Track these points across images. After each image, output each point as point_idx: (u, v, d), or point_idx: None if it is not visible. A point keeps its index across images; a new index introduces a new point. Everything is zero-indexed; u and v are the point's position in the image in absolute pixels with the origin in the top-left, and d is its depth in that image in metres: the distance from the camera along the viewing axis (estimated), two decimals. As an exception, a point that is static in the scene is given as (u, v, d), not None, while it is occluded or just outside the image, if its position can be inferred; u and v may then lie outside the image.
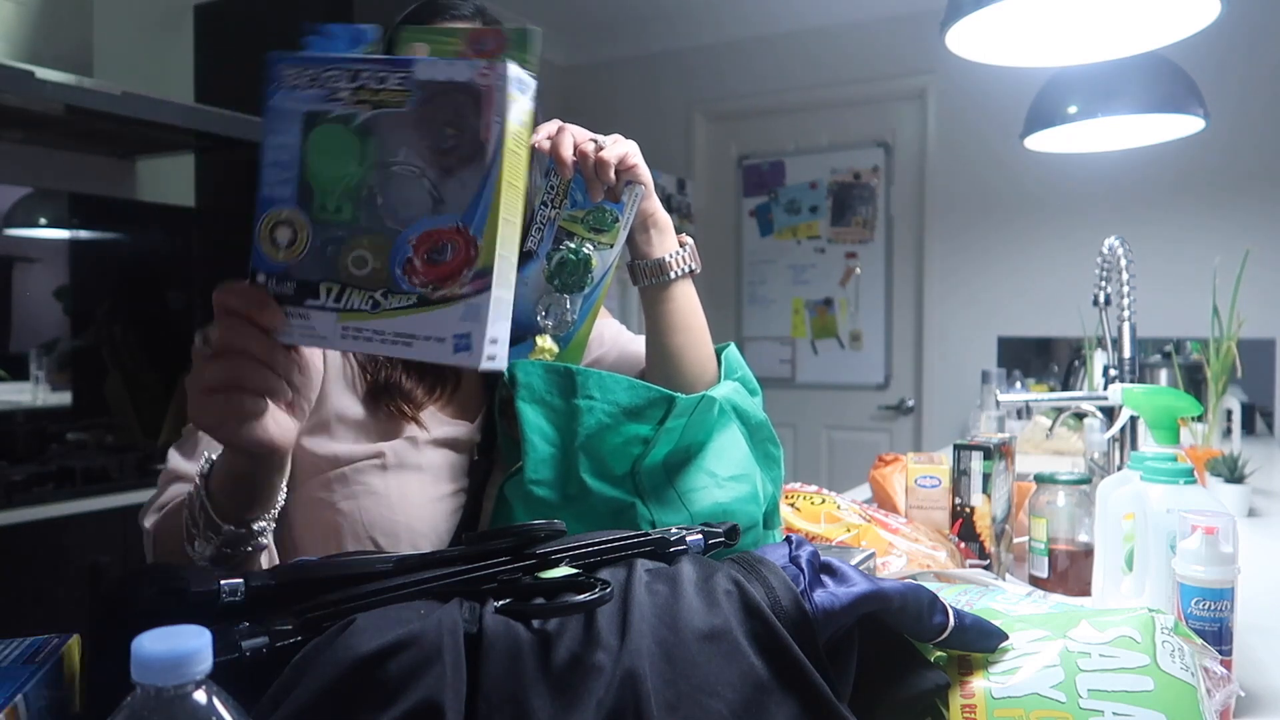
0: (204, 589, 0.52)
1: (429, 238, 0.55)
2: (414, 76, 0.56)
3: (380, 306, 0.56)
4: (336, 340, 0.57)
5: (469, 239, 0.55)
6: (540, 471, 0.80)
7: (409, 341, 0.56)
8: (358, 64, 0.56)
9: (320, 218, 0.57)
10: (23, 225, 2.58)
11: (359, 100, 0.56)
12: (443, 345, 0.55)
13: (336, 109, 0.57)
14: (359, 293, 0.57)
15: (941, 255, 3.86)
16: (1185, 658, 0.65)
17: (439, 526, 0.89)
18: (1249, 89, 3.28)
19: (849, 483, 2.16)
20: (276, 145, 0.57)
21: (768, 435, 0.89)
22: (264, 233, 0.58)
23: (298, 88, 0.57)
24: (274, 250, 0.58)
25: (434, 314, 0.55)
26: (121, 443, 2.60)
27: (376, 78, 0.56)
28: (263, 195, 0.58)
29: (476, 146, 0.55)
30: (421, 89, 0.56)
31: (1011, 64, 1.56)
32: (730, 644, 0.54)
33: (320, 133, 0.57)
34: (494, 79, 0.55)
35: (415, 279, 0.56)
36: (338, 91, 0.56)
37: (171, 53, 2.86)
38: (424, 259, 0.55)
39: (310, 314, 0.58)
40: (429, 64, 0.56)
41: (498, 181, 0.55)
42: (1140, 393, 1.38)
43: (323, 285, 0.57)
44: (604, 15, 4.24)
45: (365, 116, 0.56)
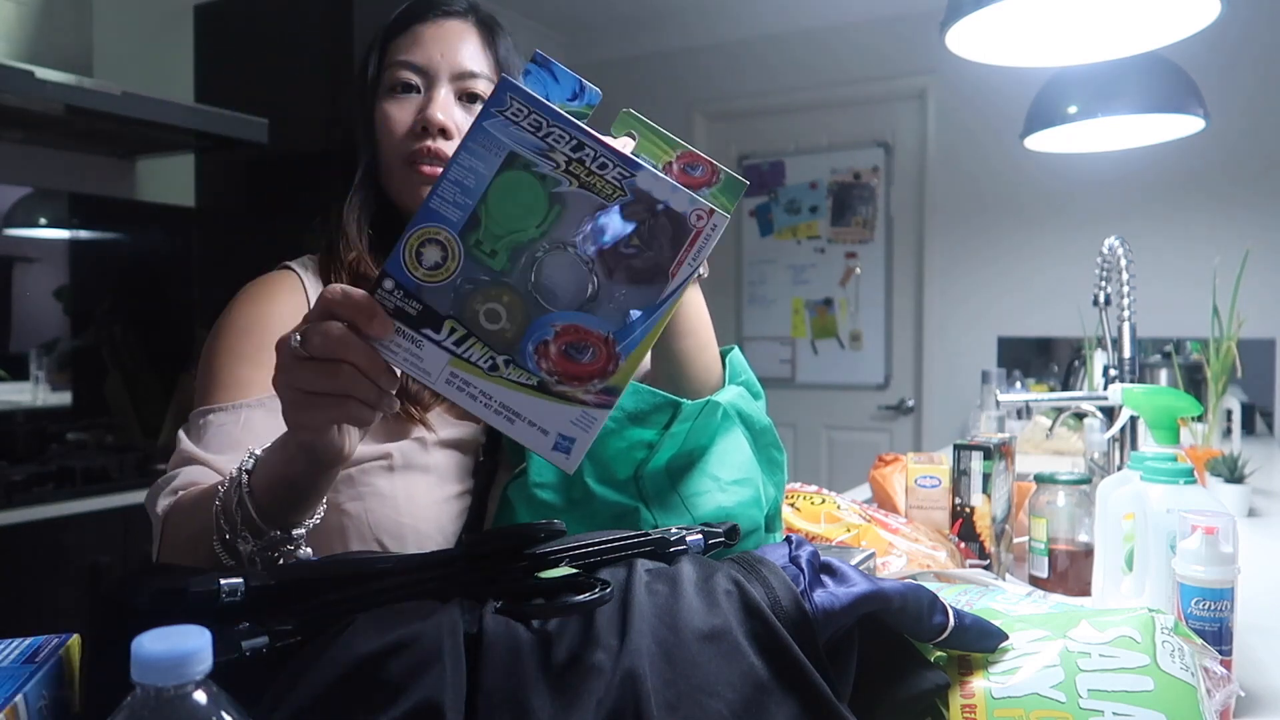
0: (204, 589, 0.52)
1: (575, 331, 0.55)
2: (634, 182, 0.55)
3: (498, 372, 0.55)
4: (440, 383, 0.56)
5: (614, 354, 0.55)
6: (544, 475, 0.80)
7: (512, 419, 0.56)
8: (586, 136, 0.55)
9: (474, 254, 0.55)
10: (23, 225, 2.58)
11: (569, 172, 0.55)
12: (545, 438, 0.56)
13: (545, 167, 0.55)
14: (481, 347, 0.55)
15: (941, 255, 3.86)
16: (1185, 658, 0.65)
17: (445, 528, 0.89)
18: (1249, 89, 3.28)
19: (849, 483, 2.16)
20: (467, 166, 0.55)
21: (771, 440, 0.89)
22: (412, 243, 0.55)
23: (516, 124, 0.54)
24: (415, 265, 0.55)
25: (549, 405, 0.55)
26: (121, 443, 2.60)
27: (598, 161, 0.55)
28: (430, 206, 0.55)
29: (659, 274, 0.55)
30: (635, 195, 0.55)
31: (1011, 64, 1.56)
32: (730, 644, 0.54)
33: (515, 177, 0.55)
34: (707, 226, 0.55)
35: (545, 364, 0.55)
36: (554, 150, 0.55)
37: (171, 53, 2.86)
38: (561, 349, 0.55)
39: (424, 344, 0.55)
40: (653, 177, 0.55)
41: (666, 316, 0.55)
42: (1140, 393, 1.38)
43: (448, 322, 0.55)
44: (604, 15, 4.24)
45: (566, 189, 0.55)
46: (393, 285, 0.55)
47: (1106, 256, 1.71)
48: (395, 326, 0.55)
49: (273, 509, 0.64)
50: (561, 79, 0.58)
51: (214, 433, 0.82)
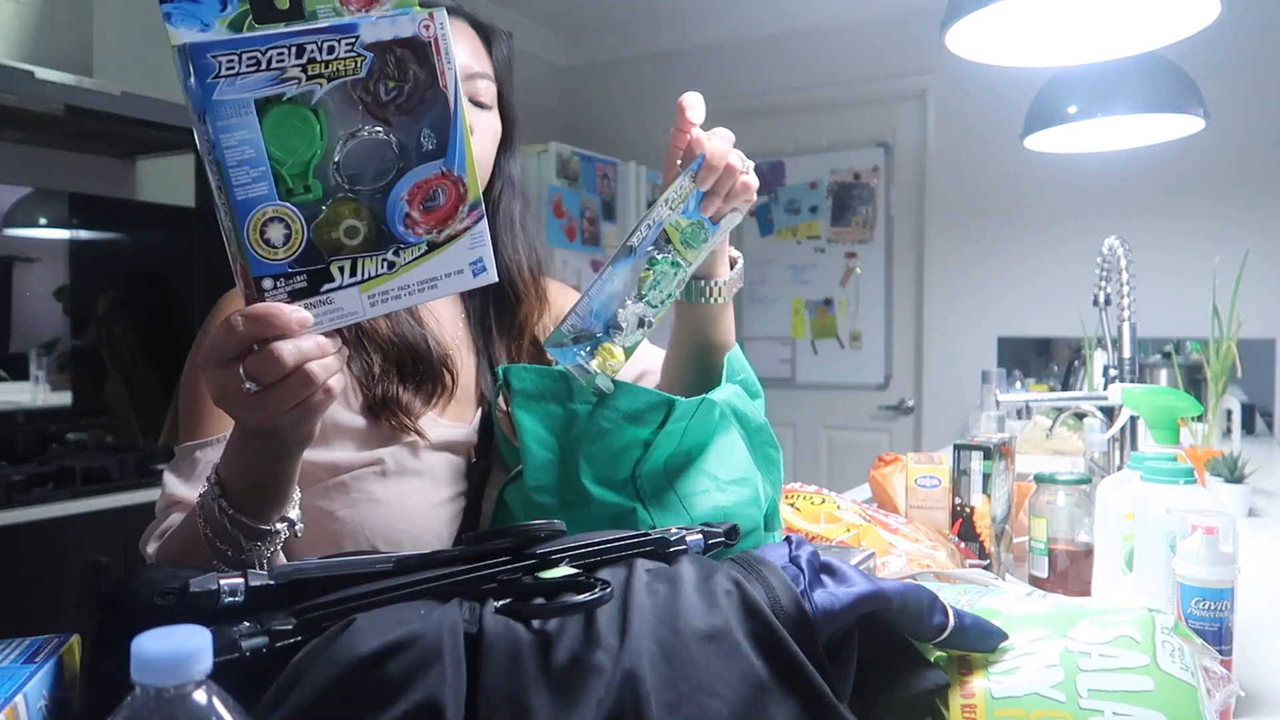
0: (204, 589, 0.52)
1: (420, 189, 0.58)
2: (362, 40, 0.56)
3: (395, 265, 0.59)
4: (367, 311, 0.59)
5: (455, 179, 0.59)
6: (540, 478, 0.80)
7: (434, 284, 0.60)
8: (300, 37, 0.55)
9: (298, 202, 0.57)
10: (23, 225, 2.58)
11: (311, 76, 0.55)
12: (463, 275, 0.60)
13: (290, 89, 0.55)
14: (370, 259, 0.58)
15: (941, 255, 3.86)
16: (1185, 658, 0.65)
17: (441, 532, 0.89)
18: (1249, 89, 3.28)
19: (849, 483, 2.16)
20: (235, 142, 0.55)
21: (767, 439, 0.88)
22: (253, 236, 0.57)
23: (238, 74, 0.54)
24: (271, 251, 0.57)
25: (446, 253, 0.60)
26: (121, 443, 2.60)
27: (325, 48, 0.55)
28: (239, 200, 0.56)
29: (435, 93, 0.57)
30: (372, 51, 0.56)
31: (1011, 64, 1.56)
32: (730, 644, 0.54)
33: (275, 116, 0.55)
34: (436, 28, 0.57)
35: (419, 229, 0.59)
36: (286, 70, 0.55)
37: (171, 53, 2.86)
38: (420, 209, 0.59)
39: (333, 297, 0.58)
40: (372, 25, 0.56)
41: (464, 119, 0.58)
42: (1140, 393, 1.38)
43: (333, 266, 0.58)
44: (603, 15, 4.24)
45: (324, 90, 0.56)
46: (271, 282, 0.57)
47: (1106, 256, 1.71)
48: (304, 304, 0.58)
49: (256, 511, 0.67)
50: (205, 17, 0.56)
51: (203, 469, 0.83)
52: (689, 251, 0.80)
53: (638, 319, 0.79)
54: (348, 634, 0.50)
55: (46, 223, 2.65)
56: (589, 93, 4.51)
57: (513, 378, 0.80)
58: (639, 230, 0.78)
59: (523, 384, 0.80)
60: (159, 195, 2.86)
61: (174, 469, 0.86)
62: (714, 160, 0.77)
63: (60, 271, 2.67)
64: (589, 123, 4.42)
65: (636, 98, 4.38)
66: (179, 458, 0.86)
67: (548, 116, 4.42)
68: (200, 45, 0.54)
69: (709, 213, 0.79)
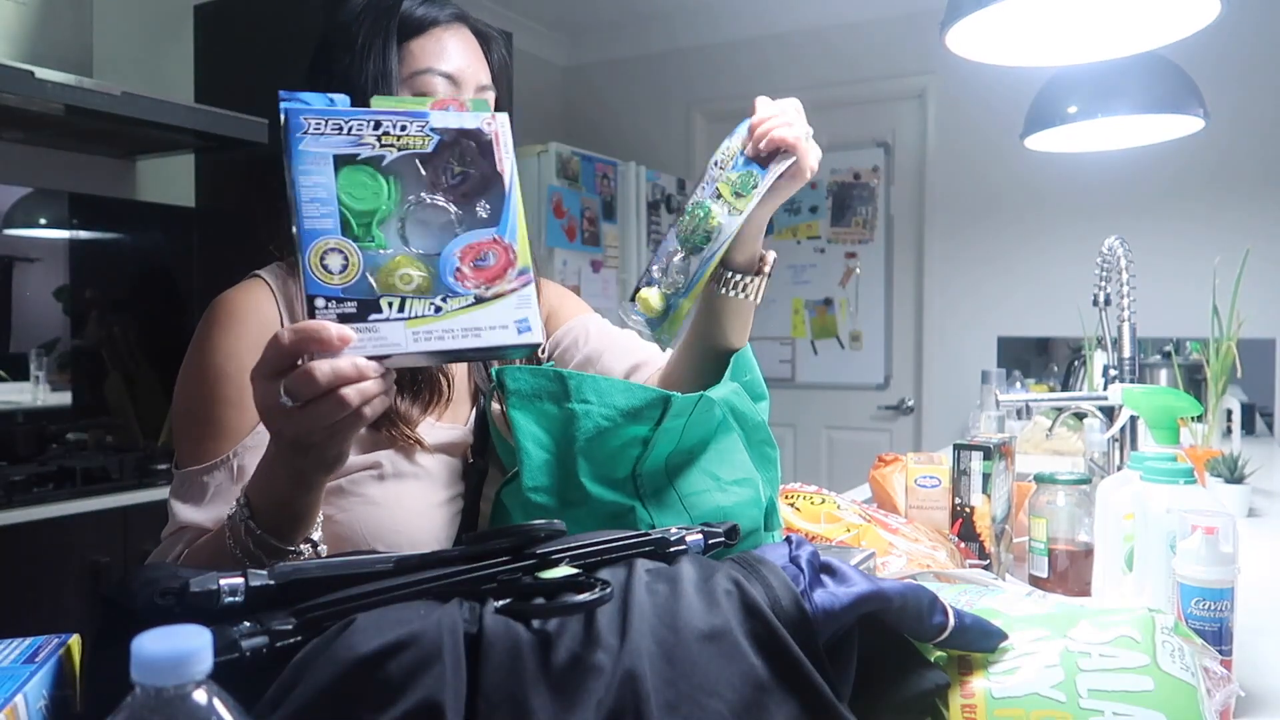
0: (204, 589, 0.52)
1: (471, 249, 0.65)
2: (431, 124, 0.66)
3: (443, 310, 0.64)
4: (409, 344, 0.63)
5: (506, 246, 0.66)
6: (537, 479, 0.79)
7: (478, 333, 0.64)
8: (378, 115, 0.65)
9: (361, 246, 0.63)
10: (23, 225, 2.58)
11: (384, 144, 0.64)
12: (507, 330, 0.65)
13: (365, 151, 0.64)
14: (419, 301, 0.63)
15: (941, 255, 3.86)
16: (1185, 658, 0.65)
17: (438, 533, 0.89)
18: (1249, 89, 3.28)
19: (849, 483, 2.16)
20: (311, 184, 0.63)
21: (764, 437, 0.88)
22: (314, 261, 0.62)
23: (322, 134, 0.64)
24: (328, 276, 0.62)
25: (492, 308, 0.65)
26: (121, 443, 2.60)
27: (398, 125, 0.65)
28: (305, 229, 0.62)
29: (493, 176, 0.66)
30: (439, 134, 0.66)
31: (1011, 64, 1.56)
32: (730, 644, 0.54)
33: (349, 173, 0.63)
34: (497, 126, 0.68)
35: (468, 283, 0.65)
36: (364, 137, 0.64)
37: (171, 53, 2.86)
38: (471, 266, 0.65)
39: (378, 326, 0.62)
40: (441, 114, 0.66)
41: (518, 201, 0.67)
42: (1140, 393, 1.38)
43: (383, 299, 0.63)
44: (604, 15, 4.24)
45: (391, 159, 0.64)
46: (324, 302, 0.62)
47: (1106, 256, 1.71)
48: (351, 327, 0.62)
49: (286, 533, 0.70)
50: (313, 102, 0.66)
51: (214, 493, 0.83)
52: (740, 201, 0.82)
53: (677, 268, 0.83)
54: (348, 634, 0.50)
55: (46, 223, 2.65)
56: (589, 93, 4.51)
57: (507, 379, 0.80)
58: (696, 192, 0.84)
59: (517, 384, 0.80)
60: (159, 195, 2.86)
61: (181, 495, 0.85)
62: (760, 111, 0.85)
63: (60, 271, 2.67)
64: (589, 123, 4.42)
65: (636, 98, 4.38)
66: (184, 483, 0.86)
67: (548, 116, 4.42)
68: (297, 109, 0.64)
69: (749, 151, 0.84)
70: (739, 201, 0.82)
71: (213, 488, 0.84)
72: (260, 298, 0.91)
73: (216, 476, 0.84)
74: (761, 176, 0.83)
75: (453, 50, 0.92)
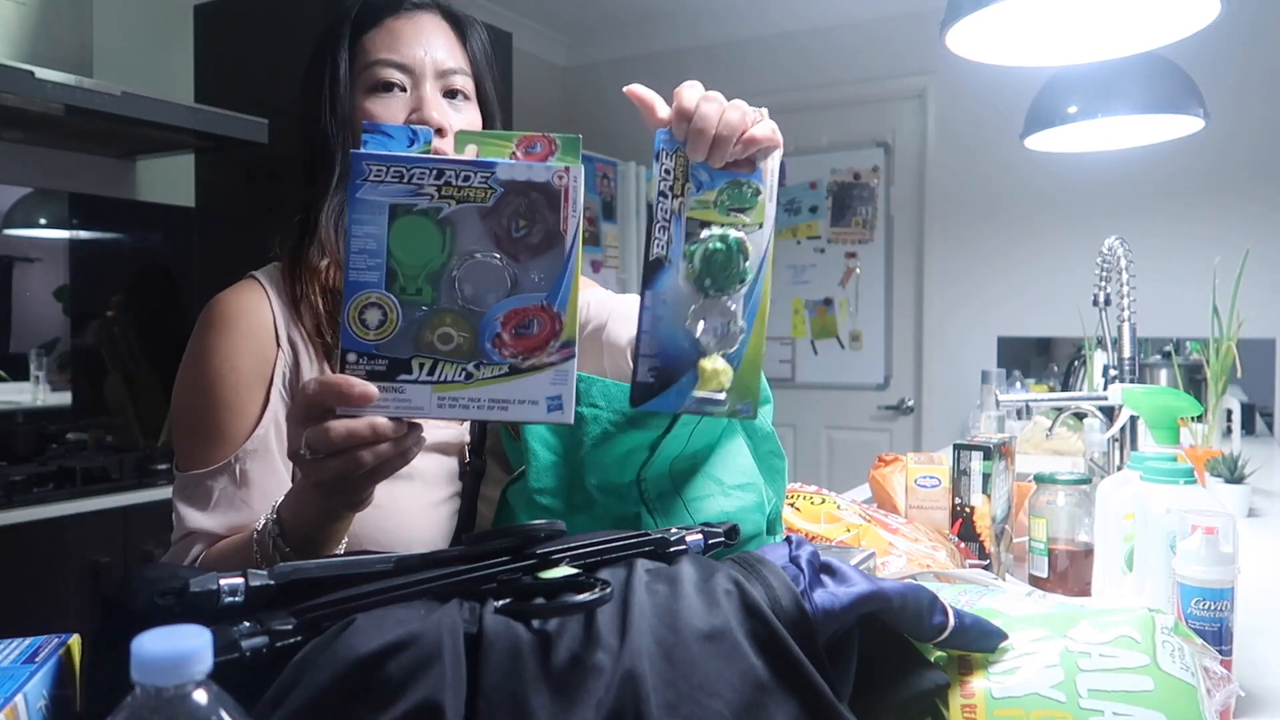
0: (204, 589, 0.52)
1: (516, 315, 0.62)
2: (497, 176, 0.62)
3: (473, 377, 0.62)
4: (433, 410, 0.62)
5: (554, 315, 0.63)
6: (543, 480, 0.79)
7: (505, 406, 0.62)
8: (442, 163, 0.62)
9: (403, 298, 0.62)
10: (23, 225, 2.58)
11: (444, 195, 0.62)
12: (537, 407, 0.62)
13: (422, 202, 0.62)
14: (450, 365, 0.62)
15: (941, 255, 3.86)
16: (1185, 658, 0.65)
17: (435, 534, 0.89)
18: (1249, 89, 3.28)
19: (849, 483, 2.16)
20: (363, 234, 0.62)
21: (772, 448, 0.87)
22: (353, 315, 0.62)
23: (382, 182, 0.62)
24: (364, 331, 0.62)
25: (526, 380, 0.62)
26: (121, 443, 2.60)
27: (461, 176, 0.62)
28: (350, 280, 0.62)
29: (555, 236, 0.62)
30: (503, 186, 0.62)
31: (1011, 64, 1.56)
32: (730, 644, 0.54)
33: (404, 223, 0.62)
34: (570, 180, 0.62)
35: (505, 351, 0.62)
36: (423, 187, 0.62)
37: (171, 53, 2.86)
38: (512, 333, 0.62)
39: (405, 388, 0.62)
40: (510, 166, 0.62)
41: (577, 265, 0.63)
42: (1140, 393, 1.38)
43: (414, 360, 0.62)
44: (604, 16, 4.24)
45: (449, 211, 0.62)
46: (355, 356, 0.62)
47: (1106, 256, 1.71)
48: (376, 387, 0.61)
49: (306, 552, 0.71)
50: (395, 134, 0.65)
51: (219, 498, 0.84)
52: (746, 213, 0.70)
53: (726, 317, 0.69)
54: (348, 634, 0.50)
55: (46, 223, 2.65)
56: (589, 93, 4.51)
57: None
58: (656, 239, 0.70)
59: None
60: (159, 195, 2.86)
61: (187, 499, 0.86)
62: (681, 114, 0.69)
63: (60, 271, 2.67)
64: (589, 123, 4.42)
65: (636, 98, 4.38)
66: (189, 486, 0.86)
67: (548, 116, 4.42)
68: (361, 154, 0.62)
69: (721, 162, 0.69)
70: (746, 215, 0.70)
71: (217, 492, 0.84)
72: (254, 299, 0.90)
73: (220, 482, 0.85)
74: (758, 180, 0.71)
75: (407, 38, 0.90)
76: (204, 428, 0.86)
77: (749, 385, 0.70)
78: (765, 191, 0.71)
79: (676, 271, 0.69)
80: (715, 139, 0.68)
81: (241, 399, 0.86)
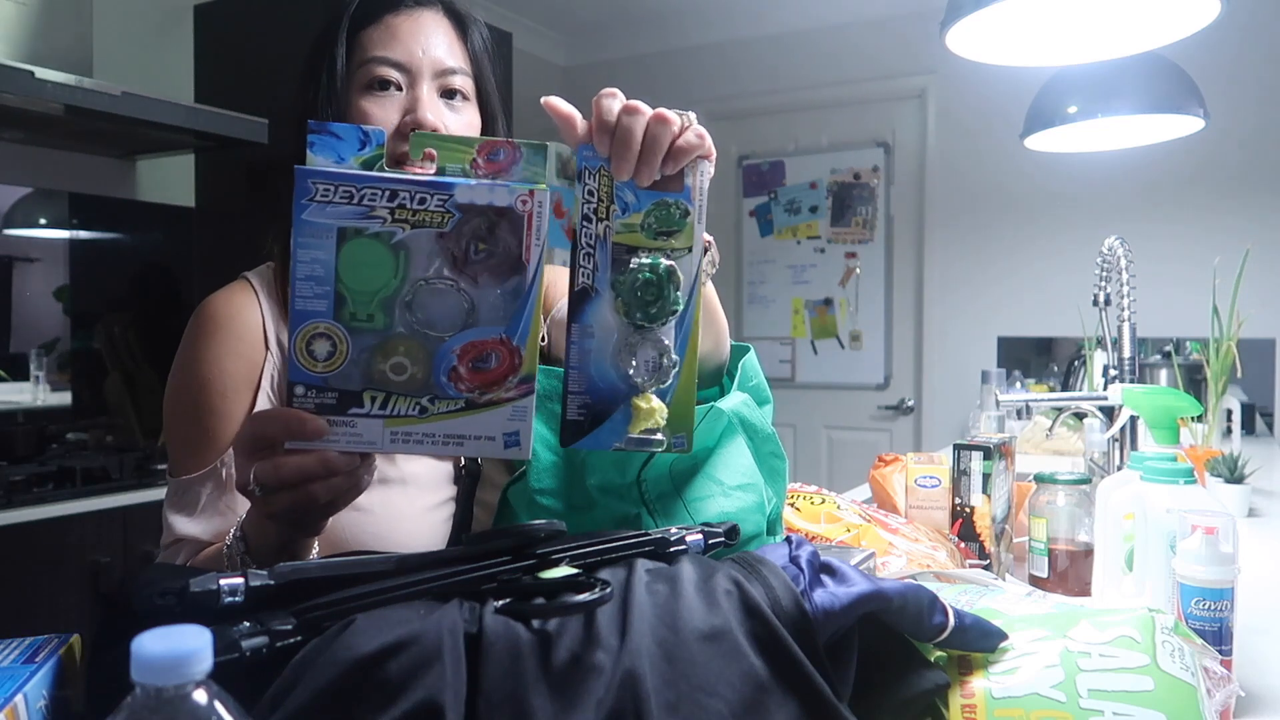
0: (204, 589, 0.52)
1: (473, 348, 0.59)
2: (455, 199, 0.58)
3: (428, 411, 0.59)
4: (385, 445, 0.60)
5: (513, 349, 0.59)
6: (544, 480, 0.79)
7: (460, 442, 0.60)
8: (395, 184, 0.57)
9: (353, 325, 0.59)
10: (23, 225, 2.58)
11: (397, 219, 0.58)
12: (493, 443, 0.60)
13: (374, 226, 0.58)
14: (404, 399, 0.59)
15: (941, 255, 3.86)
16: (1185, 658, 0.65)
17: (429, 540, 0.88)
18: (1249, 89, 3.28)
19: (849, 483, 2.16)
20: (309, 259, 0.58)
21: (773, 449, 0.87)
22: (300, 346, 0.59)
23: (330, 202, 0.57)
24: (312, 363, 0.59)
25: (482, 416, 0.60)
26: (121, 443, 2.60)
27: (416, 199, 0.58)
28: (296, 309, 0.58)
29: (515, 265, 0.59)
30: (461, 210, 0.58)
31: (1011, 64, 1.56)
32: (730, 644, 0.54)
33: (354, 246, 0.58)
34: (534, 205, 0.58)
35: (461, 385, 0.59)
36: (375, 210, 0.58)
37: (171, 53, 2.86)
38: (469, 367, 0.59)
39: (356, 422, 0.59)
40: (469, 188, 0.58)
41: (538, 297, 0.59)
42: (1140, 393, 1.38)
43: (366, 394, 0.59)
44: (604, 15, 4.24)
45: (403, 235, 0.58)
46: (303, 390, 0.59)
47: (1106, 256, 1.71)
48: (326, 420, 0.59)
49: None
50: (344, 135, 0.60)
51: (206, 503, 0.84)
52: (675, 237, 0.66)
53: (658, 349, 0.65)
54: (348, 634, 0.50)
55: (46, 223, 2.65)
56: (589, 93, 4.44)
57: None
58: (581, 268, 0.65)
59: None
60: (159, 195, 2.86)
61: (176, 506, 0.85)
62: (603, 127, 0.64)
63: (60, 271, 2.67)
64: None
65: (637, 98, 4.36)
66: (178, 492, 0.86)
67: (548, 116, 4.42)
68: (306, 171, 0.57)
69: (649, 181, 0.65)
70: (675, 239, 0.65)
71: (204, 497, 0.84)
72: (244, 302, 0.90)
73: (207, 487, 0.84)
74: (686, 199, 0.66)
75: (404, 36, 0.88)
76: (192, 433, 0.86)
77: (684, 418, 0.67)
78: (695, 212, 0.67)
79: (604, 302, 0.65)
80: (641, 155, 0.64)
81: (229, 404, 0.86)
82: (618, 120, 0.64)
